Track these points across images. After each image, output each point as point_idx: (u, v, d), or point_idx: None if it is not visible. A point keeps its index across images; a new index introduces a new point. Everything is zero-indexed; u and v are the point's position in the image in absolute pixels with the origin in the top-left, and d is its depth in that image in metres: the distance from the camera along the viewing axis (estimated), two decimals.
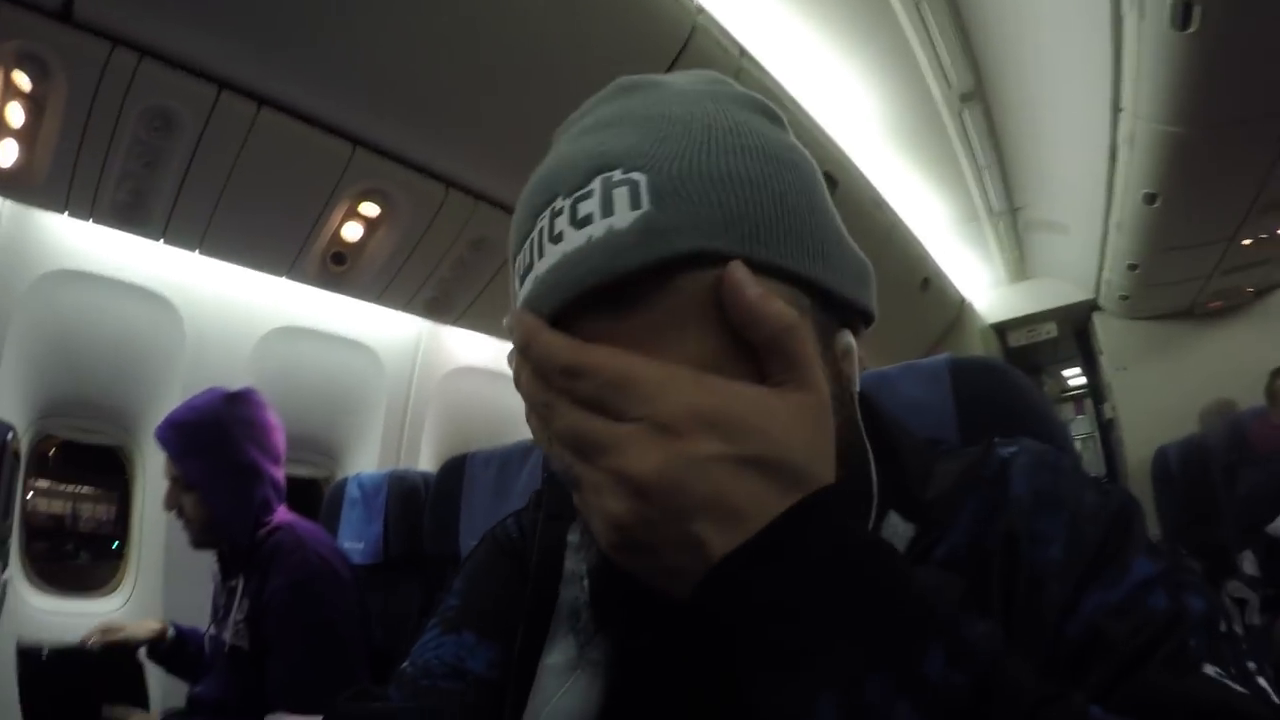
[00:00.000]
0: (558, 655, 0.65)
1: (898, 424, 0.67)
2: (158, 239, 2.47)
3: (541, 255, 0.52)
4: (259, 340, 2.96)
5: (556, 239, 0.51)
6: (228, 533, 1.96)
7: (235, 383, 2.38)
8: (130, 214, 2.35)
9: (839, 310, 0.58)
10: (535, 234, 0.53)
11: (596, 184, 0.51)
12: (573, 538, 0.71)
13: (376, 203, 2.67)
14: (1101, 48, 2.99)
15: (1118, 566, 0.54)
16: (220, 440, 1.96)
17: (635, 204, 0.49)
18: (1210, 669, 0.48)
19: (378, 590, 2.22)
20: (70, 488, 3.70)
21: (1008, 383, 0.89)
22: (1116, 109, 3.32)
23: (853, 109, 3.65)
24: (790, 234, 0.53)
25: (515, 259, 0.56)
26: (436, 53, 2.21)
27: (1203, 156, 3.41)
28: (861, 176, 3.94)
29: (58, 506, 3.67)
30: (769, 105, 0.60)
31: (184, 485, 1.97)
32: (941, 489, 0.61)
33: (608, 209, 0.50)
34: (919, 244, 5.05)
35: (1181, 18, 2.45)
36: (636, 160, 0.51)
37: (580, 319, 0.50)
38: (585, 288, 0.49)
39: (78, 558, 3.76)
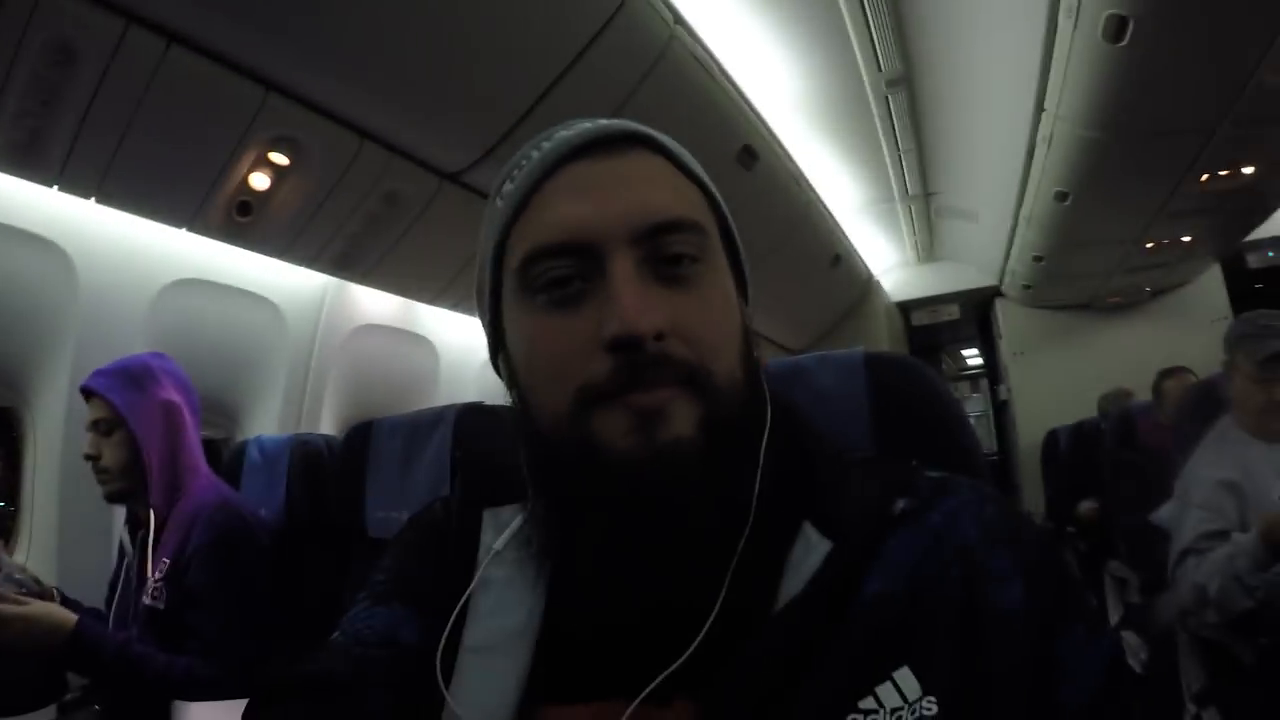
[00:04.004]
0: (476, 636, 0.66)
1: (813, 430, 0.69)
2: (52, 185, 2.27)
3: None
4: (158, 293, 2.77)
5: None
6: (147, 475, 1.91)
7: (132, 337, 2.25)
8: (24, 156, 2.16)
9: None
10: None
11: None
12: (489, 517, 0.73)
13: (286, 152, 2.51)
14: (1032, 50, 3.04)
15: (1082, 621, 0.58)
16: (147, 377, 1.96)
17: None
18: None
19: (282, 559, 2.12)
20: None
21: (922, 380, 0.91)
22: (1039, 109, 3.38)
23: (780, 85, 3.63)
24: None
25: None
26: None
27: (1116, 162, 3.52)
28: (783, 152, 3.95)
29: None
30: None
31: (106, 428, 1.92)
32: (862, 508, 0.62)
33: None
34: (833, 221, 5.15)
35: (1115, 31, 2.51)
36: None
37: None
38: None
39: None
